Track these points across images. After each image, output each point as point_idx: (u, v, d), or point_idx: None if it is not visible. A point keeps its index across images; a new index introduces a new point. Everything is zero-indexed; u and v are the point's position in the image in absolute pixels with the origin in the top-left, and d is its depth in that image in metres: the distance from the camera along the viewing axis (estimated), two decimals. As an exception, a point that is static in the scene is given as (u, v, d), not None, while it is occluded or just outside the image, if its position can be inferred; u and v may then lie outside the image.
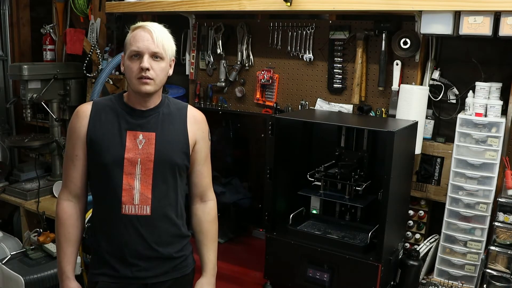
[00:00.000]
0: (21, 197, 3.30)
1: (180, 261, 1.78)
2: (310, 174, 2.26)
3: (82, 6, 3.40)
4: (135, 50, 1.61)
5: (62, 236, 1.73)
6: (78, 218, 1.74)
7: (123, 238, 1.68)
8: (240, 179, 2.75)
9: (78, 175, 1.72)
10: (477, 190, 2.14)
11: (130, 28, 1.67)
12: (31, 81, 3.25)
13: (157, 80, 1.64)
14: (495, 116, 2.10)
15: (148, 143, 1.67)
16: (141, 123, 1.68)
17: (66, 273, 1.72)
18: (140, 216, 1.67)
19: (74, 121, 1.71)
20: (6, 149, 3.79)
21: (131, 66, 1.62)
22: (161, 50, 1.62)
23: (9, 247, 3.08)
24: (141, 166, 1.66)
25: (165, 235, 1.72)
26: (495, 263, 2.07)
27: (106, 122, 1.68)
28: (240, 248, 2.71)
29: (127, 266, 1.69)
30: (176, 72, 1.81)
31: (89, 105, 1.71)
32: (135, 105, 1.70)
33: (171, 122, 1.73)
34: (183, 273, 1.79)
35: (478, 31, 2.00)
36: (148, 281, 1.71)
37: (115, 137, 1.66)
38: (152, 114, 1.70)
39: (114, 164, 1.65)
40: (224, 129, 2.76)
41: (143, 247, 1.69)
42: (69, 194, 1.73)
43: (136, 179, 1.66)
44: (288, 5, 2.34)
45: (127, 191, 1.65)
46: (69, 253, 1.73)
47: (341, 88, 2.60)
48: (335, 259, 2.07)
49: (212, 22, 2.94)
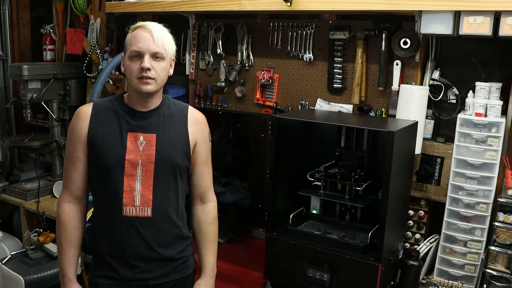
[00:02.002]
0: (21, 197, 3.30)
1: (181, 262, 1.77)
2: (310, 174, 2.26)
3: (82, 6, 3.40)
4: (135, 50, 1.60)
5: (64, 238, 1.72)
6: (79, 220, 1.74)
7: (124, 240, 1.67)
8: (240, 179, 2.75)
9: (79, 177, 1.71)
10: (477, 190, 2.14)
11: (130, 28, 1.67)
12: (31, 81, 3.25)
13: (158, 80, 1.64)
14: (495, 116, 2.10)
15: (149, 144, 1.67)
16: (141, 125, 1.68)
17: (68, 275, 1.71)
18: (141, 218, 1.66)
19: (75, 123, 1.70)
20: (6, 149, 3.79)
21: (132, 66, 1.62)
22: (161, 50, 1.62)
23: (9, 247, 3.08)
24: (142, 167, 1.66)
25: (166, 236, 1.72)
26: (495, 263, 2.07)
27: (106, 124, 1.67)
28: (240, 248, 2.71)
29: (128, 267, 1.69)
30: (176, 72, 1.81)
31: (89, 106, 1.71)
32: (136, 106, 1.69)
33: (172, 123, 1.72)
34: (184, 274, 1.79)
35: (478, 31, 2.00)
36: (150, 282, 1.71)
37: (116, 138, 1.66)
38: (153, 115, 1.70)
39: (115, 166, 1.64)
40: (224, 129, 2.76)
41: (144, 248, 1.68)
42: (70, 196, 1.73)
43: (137, 181, 1.66)
44: (288, 5, 2.34)
45: (128, 193, 1.65)
46: (71, 255, 1.72)
47: (341, 88, 2.60)
48: (335, 259, 2.06)
49: (212, 22, 2.94)
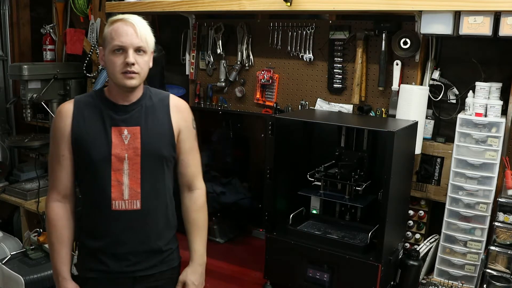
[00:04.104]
0: (21, 197, 3.30)
1: (167, 255, 1.79)
2: (310, 174, 2.26)
3: (82, 6, 3.39)
4: (119, 45, 1.60)
5: (55, 238, 1.72)
6: (68, 218, 1.74)
7: (115, 234, 1.68)
8: (240, 179, 2.75)
9: (66, 175, 1.71)
10: (477, 190, 2.14)
11: (109, 21, 1.66)
12: (31, 81, 3.24)
13: (142, 73, 1.65)
14: (495, 116, 2.10)
15: (134, 137, 1.68)
16: (124, 118, 1.68)
17: (61, 274, 1.72)
18: (130, 211, 1.68)
19: (57, 121, 1.69)
20: (6, 149, 3.79)
21: (115, 61, 1.61)
22: (144, 44, 1.63)
23: (9, 247, 3.07)
24: (128, 161, 1.66)
25: (156, 228, 1.74)
26: (495, 263, 2.07)
27: (89, 120, 1.67)
28: (240, 248, 2.71)
29: (117, 261, 1.70)
30: (176, 72, 1.81)
31: (70, 104, 1.70)
32: (118, 100, 1.70)
33: (154, 114, 1.73)
34: (170, 266, 1.80)
35: (478, 31, 2.00)
36: (137, 274, 1.73)
37: (101, 134, 1.66)
38: (135, 108, 1.70)
39: (101, 161, 1.65)
40: (224, 129, 2.76)
41: (134, 241, 1.70)
42: (58, 195, 1.72)
43: (124, 174, 1.66)
44: (288, 5, 2.34)
45: (116, 187, 1.66)
46: (63, 254, 1.72)
47: (341, 88, 2.60)
48: (335, 259, 2.07)
49: (212, 22, 2.94)
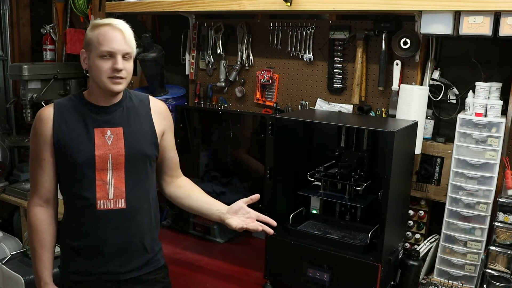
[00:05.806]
0: (21, 197, 3.29)
1: (152, 256, 1.80)
2: (310, 174, 2.26)
3: (82, 6, 3.39)
4: (108, 51, 1.61)
5: (37, 242, 1.72)
6: (51, 223, 1.74)
7: (100, 234, 1.69)
8: (240, 179, 2.75)
9: (48, 179, 1.71)
10: (477, 190, 2.14)
11: (92, 24, 1.66)
12: (31, 81, 3.24)
13: (128, 78, 1.68)
14: (495, 116, 2.10)
15: (117, 138, 1.69)
16: (107, 119, 1.70)
17: (44, 279, 1.71)
18: (116, 210, 1.68)
19: (38, 125, 1.69)
20: (6, 149, 3.79)
21: (102, 65, 1.62)
22: (131, 50, 1.66)
23: (9, 247, 3.07)
24: (112, 161, 1.68)
25: (141, 226, 1.75)
26: (495, 263, 2.07)
27: (71, 123, 1.68)
28: (240, 248, 2.71)
29: (102, 262, 1.70)
30: (176, 72, 1.82)
31: (50, 108, 1.70)
32: (99, 102, 1.71)
33: (136, 114, 1.75)
34: (155, 267, 1.82)
35: (478, 31, 2.00)
36: (122, 277, 1.73)
37: (83, 136, 1.67)
38: (116, 108, 1.72)
39: (85, 163, 1.66)
40: (224, 129, 2.76)
41: (120, 241, 1.70)
42: (39, 199, 1.72)
43: (109, 174, 1.68)
44: (288, 5, 2.34)
45: (100, 187, 1.67)
46: (45, 259, 1.72)
47: (341, 88, 2.60)
48: (335, 259, 2.06)
49: (212, 22, 2.94)
